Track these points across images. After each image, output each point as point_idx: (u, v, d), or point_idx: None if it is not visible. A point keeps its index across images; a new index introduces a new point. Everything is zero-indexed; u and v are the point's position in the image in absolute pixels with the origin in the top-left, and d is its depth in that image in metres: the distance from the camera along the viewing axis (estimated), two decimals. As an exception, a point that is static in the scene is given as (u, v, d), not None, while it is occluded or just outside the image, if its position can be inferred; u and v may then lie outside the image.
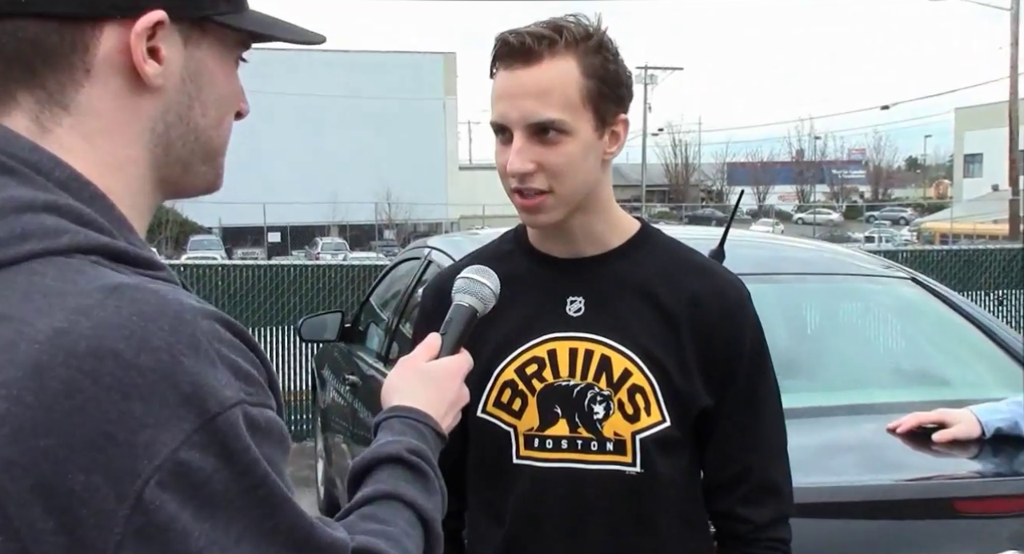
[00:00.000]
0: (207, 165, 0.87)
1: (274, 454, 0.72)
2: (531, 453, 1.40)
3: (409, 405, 1.07)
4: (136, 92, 0.79)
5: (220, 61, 0.84)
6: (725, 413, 1.41)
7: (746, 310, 1.43)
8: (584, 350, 1.39)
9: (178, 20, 0.80)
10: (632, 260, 1.43)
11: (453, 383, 1.15)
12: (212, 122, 0.85)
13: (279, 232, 38.47)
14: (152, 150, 0.81)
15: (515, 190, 1.36)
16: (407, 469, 0.95)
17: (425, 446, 1.00)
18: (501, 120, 1.34)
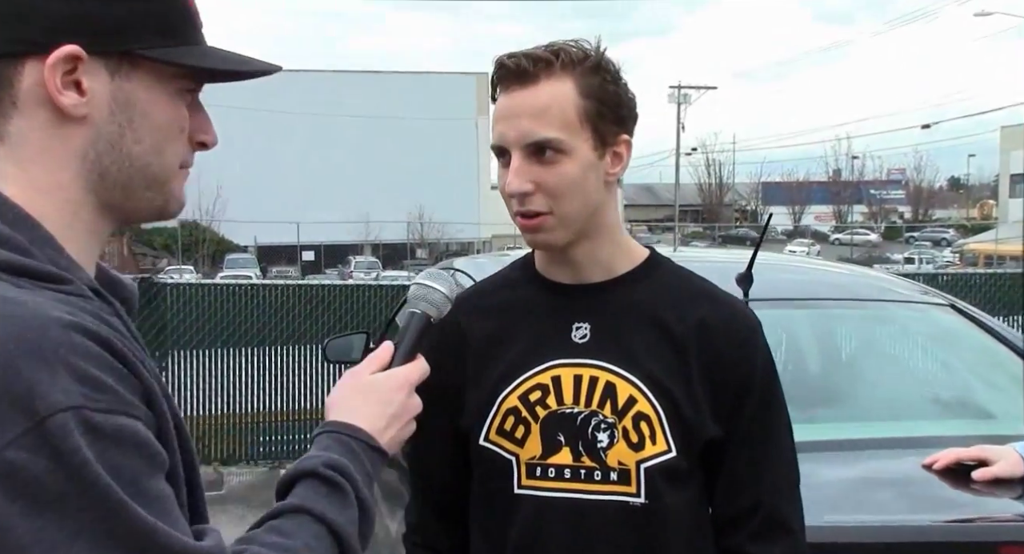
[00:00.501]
0: (152, 191, 0.92)
1: (124, 460, 0.75)
2: (533, 482, 1.37)
3: (342, 420, 1.04)
4: (62, 122, 0.85)
5: (155, 92, 0.89)
6: (734, 444, 1.37)
7: (756, 339, 1.40)
8: (589, 377, 1.37)
9: (100, 54, 0.85)
10: (640, 287, 1.41)
11: (397, 394, 1.10)
12: (148, 149, 0.90)
13: (313, 251, 38.76)
14: (86, 176, 0.88)
15: (517, 212, 1.35)
16: (322, 483, 0.94)
17: (347, 460, 0.97)
18: (499, 141, 1.35)
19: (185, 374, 7.56)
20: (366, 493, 0.96)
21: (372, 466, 1.01)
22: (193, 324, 7.54)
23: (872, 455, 2.39)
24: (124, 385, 0.77)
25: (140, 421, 0.78)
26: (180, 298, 7.57)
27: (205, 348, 7.55)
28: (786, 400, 1.44)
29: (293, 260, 37.65)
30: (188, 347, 7.55)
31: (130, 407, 0.77)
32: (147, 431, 0.79)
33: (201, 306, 7.54)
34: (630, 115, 1.38)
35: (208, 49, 0.94)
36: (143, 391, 0.80)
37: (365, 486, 0.97)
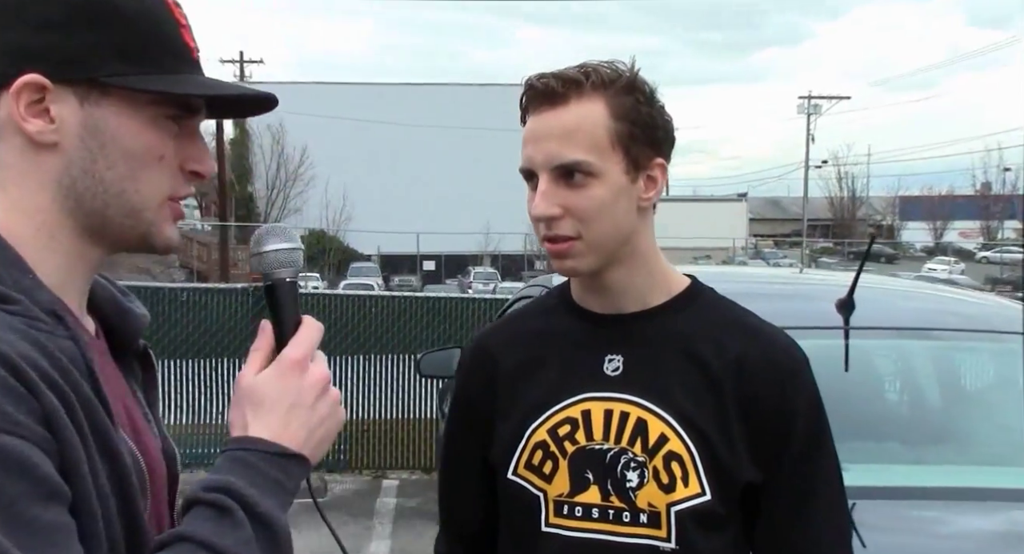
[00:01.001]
0: (131, 219, 0.92)
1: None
2: (560, 520, 1.32)
3: (235, 434, 0.95)
4: (35, 148, 0.88)
5: (127, 118, 0.90)
6: (775, 492, 1.30)
7: (800, 379, 1.33)
8: (619, 412, 1.31)
9: (66, 83, 0.87)
10: (677, 318, 1.35)
11: (291, 380, 0.94)
12: (122, 176, 0.90)
13: (434, 260, 39.39)
14: (62, 200, 0.90)
15: (545, 237, 1.31)
16: (205, 507, 0.87)
17: (235, 477, 0.89)
18: (527, 164, 1.30)
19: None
20: (266, 507, 0.88)
21: (283, 472, 0.91)
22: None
23: (995, 507, 2.17)
24: (17, 405, 0.76)
25: (29, 442, 0.75)
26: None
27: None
28: (897, 439, 1.28)
29: (415, 269, 38.35)
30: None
31: (20, 427, 0.75)
32: (38, 455, 0.76)
33: (313, 314, 7.65)
34: (666, 138, 1.33)
35: (194, 79, 0.93)
36: (42, 414, 0.77)
37: (271, 496, 0.89)
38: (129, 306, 1.03)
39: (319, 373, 0.97)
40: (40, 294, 0.86)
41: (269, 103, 0.97)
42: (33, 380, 0.77)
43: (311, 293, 8.35)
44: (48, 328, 0.84)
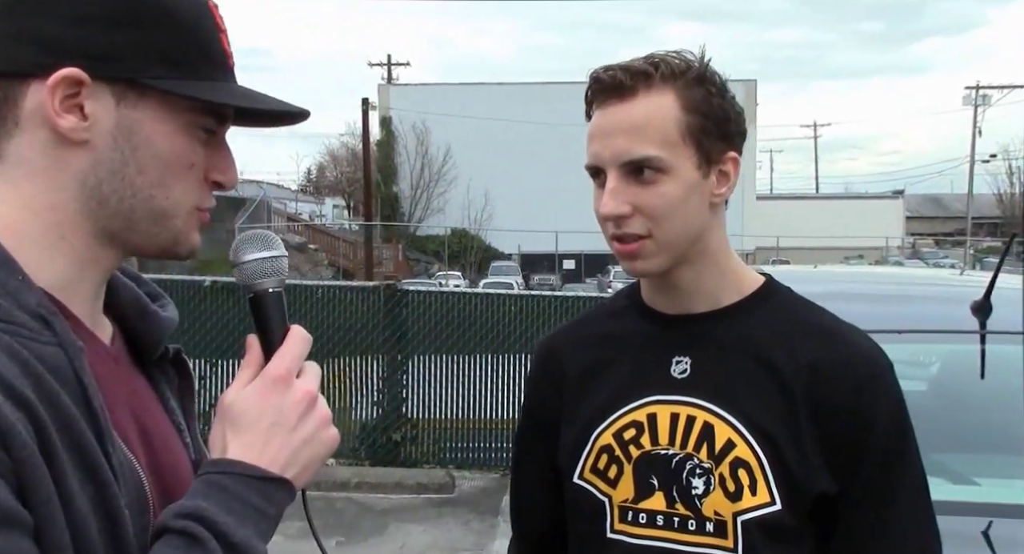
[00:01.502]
0: (157, 226, 0.90)
1: None
2: (625, 527, 1.29)
3: (214, 457, 0.88)
4: (63, 145, 0.85)
5: (163, 123, 0.87)
6: (852, 504, 1.23)
7: (880, 385, 1.25)
8: (686, 416, 1.27)
9: (106, 80, 0.85)
10: (748, 320, 1.30)
11: (272, 398, 0.88)
12: (152, 181, 0.88)
13: (574, 259, 39.35)
14: (84, 201, 0.87)
15: (613, 237, 1.27)
16: (176, 536, 0.81)
17: (209, 503, 0.82)
18: (594, 161, 1.26)
19: (424, 378, 7.85)
20: (241, 536, 0.81)
21: (263, 497, 0.84)
22: (432, 330, 7.81)
23: None
24: None
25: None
26: (420, 305, 7.86)
27: (444, 353, 7.80)
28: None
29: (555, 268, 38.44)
30: (428, 352, 7.83)
31: None
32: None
33: (440, 312, 7.80)
34: (737, 131, 1.28)
35: (230, 87, 0.92)
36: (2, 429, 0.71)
37: (248, 523, 0.82)
38: (153, 309, 0.98)
39: (304, 389, 0.90)
40: (28, 297, 0.81)
41: (301, 117, 0.94)
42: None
43: (451, 292, 8.46)
44: (30, 334, 0.79)
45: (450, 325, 7.79)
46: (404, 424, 7.86)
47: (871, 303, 2.86)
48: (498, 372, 7.81)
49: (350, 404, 7.85)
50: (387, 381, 7.87)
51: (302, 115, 0.94)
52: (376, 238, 29.54)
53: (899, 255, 39.66)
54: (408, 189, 41.53)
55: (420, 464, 7.80)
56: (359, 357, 7.86)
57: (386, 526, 6.47)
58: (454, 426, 7.86)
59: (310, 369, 0.93)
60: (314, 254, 29.66)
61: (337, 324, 7.74)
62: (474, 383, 7.81)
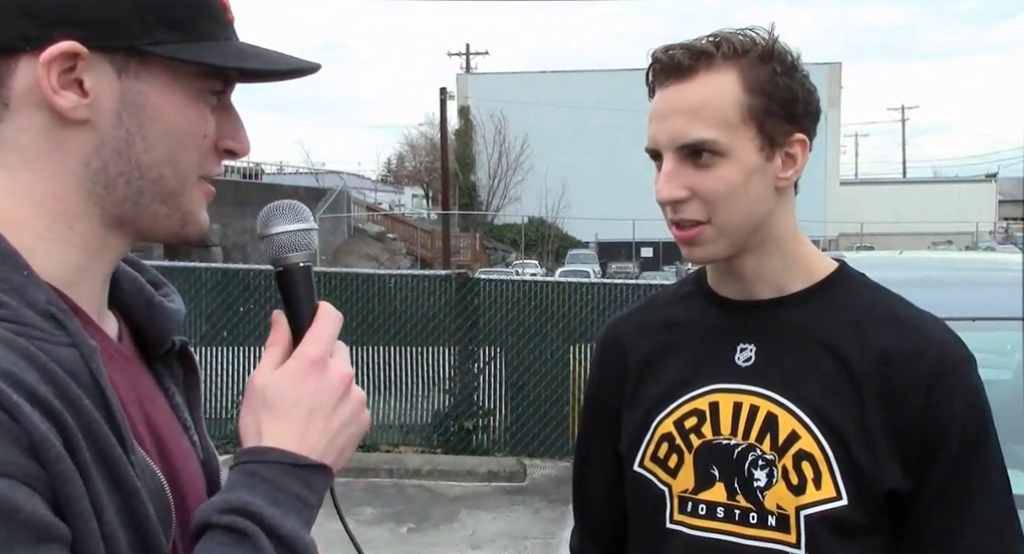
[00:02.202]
0: (166, 206, 0.82)
1: None
2: (684, 518, 1.26)
3: (249, 445, 0.83)
4: (62, 126, 0.77)
5: (169, 94, 0.80)
6: (925, 502, 1.18)
7: (957, 377, 1.18)
8: (749, 405, 1.23)
9: (104, 50, 0.76)
10: (817, 307, 1.25)
11: (307, 381, 0.83)
12: (160, 159, 0.80)
13: (651, 247, 38.98)
14: (89, 187, 0.79)
15: (671, 222, 1.23)
16: (222, 533, 0.77)
17: (252, 495, 0.78)
18: (652, 144, 1.23)
19: (495, 367, 7.85)
20: (290, 528, 0.77)
21: (306, 486, 0.80)
22: (503, 319, 7.80)
23: None
24: None
25: (13, 480, 0.65)
26: (492, 293, 7.85)
27: (514, 343, 7.78)
28: None
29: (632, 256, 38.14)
30: (498, 342, 7.82)
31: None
32: (20, 494, 0.65)
33: (511, 301, 7.77)
34: (807, 111, 1.22)
35: (234, 45, 0.83)
36: (29, 443, 0.66)
37: (293, 514, 0.78)
38: (160, 301, 0.91)
39: (340, 371, 0.85)
40: (35, 294, 0.74)
41: (311, 71, 0.86)
42: (15, 404, 0.66)
43: (523, 280, 8.44)
44: (42, 335, 0.73)
45: (521, 313, 7.75)
46: (476, 413, 7.88)
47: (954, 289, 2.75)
48: (570, 361, 7.75)
49: (423, 392, 7.90)
50: (459, 370, 7.89)
51: (311, 69, 0.86)
52: (454, 227, 29.74)
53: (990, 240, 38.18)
54: (486, 178, 41.69)
55: (491, 452, 7.81)
56: (431, 346, 7.90)
57: (457, 513, 6.49)
58: (525, 414, 7.84)
59: (342, 349, 0.88)
60: (392, 243, 30.02)
61: (410, 312, 7.80)
62: (551, 371, 7.77)
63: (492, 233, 39.68)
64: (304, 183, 32.21)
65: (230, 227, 23.53)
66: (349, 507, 6.50)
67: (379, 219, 32.98)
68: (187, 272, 7.98)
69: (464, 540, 6.00)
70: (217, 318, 7.85)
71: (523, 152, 40.74)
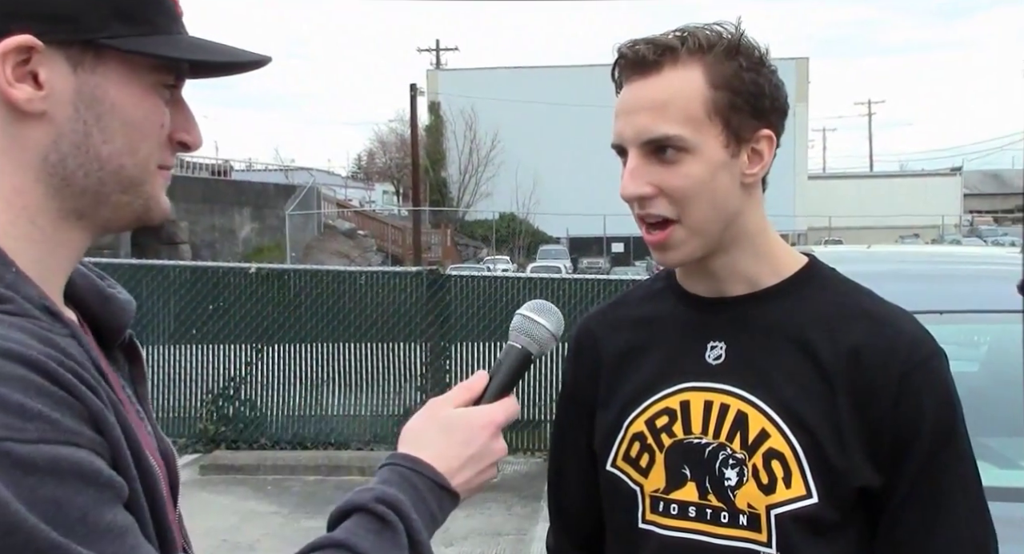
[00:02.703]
0: (129, 195, 0.84)
1: (66, 494, 0.68)
2: (656, 518, 1.25)
3: (410, 454, 0.96)
4: (18, 120, 0.78)
5: (127, 86, 0.81)
6: (898, 499, 1.18)
7: (928, 371, 1.18)
8: (719, 404, 1.23)
9: (59, 44, 0.78)
10: (787, 303, 1.24)
11: (481, 434, 1.00)
12: (120, 149, 0.82)
13: (622, 242, 39.15)
14: (47, 180, 0.80)
15: (639, 217, 1.22)
16: (373, 519, 0.87)
17: (405, 496, 0.90)
18: (617, 139, 1.22)
19: (466, 364, 7.84)
20: (423, 536, 0.89)
21: (439, 507, 0.93)
22: (475, 315, 7.79)
23: None
24: (63, 411, 0.70)
25: (86, 449, 0.71)
26: (464, 289, 7.84)
27: (485, 339, 7.77)
28: None
29: (602, 251, 38.27)
30: (470, 338, 7.81)
31: (71, 434, 0.70)
32: (96, 460, 0.72)
33: (498, 297, 7.76)
34: (773, 106, 1.21)
35: (186, 38, 0.85)
36: (89, 416, 0.73)
37: (425, 527, 0.90)
38: (111, 292, 0.93)
39: (501, 445, 1.01)
40: (27, 289, 0.77)
41: (263, 63, 0.89)
42: (72, 382, 0.72)
43: (494, 276, 8.44)
44: (48, 327, 0.76)
45: (492, 310, 7.75)
46: (448, 409, 7.85)
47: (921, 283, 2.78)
48: (543, 357, 7.75)
49: (394, 389, 7.87)
50: (431, 366, 7.87)
51: (261, 62, 0.88)
52: (425, 223, 29.68)
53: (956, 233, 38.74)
54: (456, 174, 41.65)
55: (464, 449, 7.79)
56: (403, 343, 7.88)
57: (430, 511, 6.47)
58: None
59: (508, 410, 1.04)
60: (363, 240, 29.89)
61: (380, 310, 7.76)
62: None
63: (463, 229, 39.64)
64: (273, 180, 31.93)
65: (198, 224, 23.29)
66: (320, 506, 6.44)
67: (349, 216, 32.82)
68: (156, 270, 7.92)
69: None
70: (186, 316, 7.78)
71: (494, 148, 40.73)
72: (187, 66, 0.86)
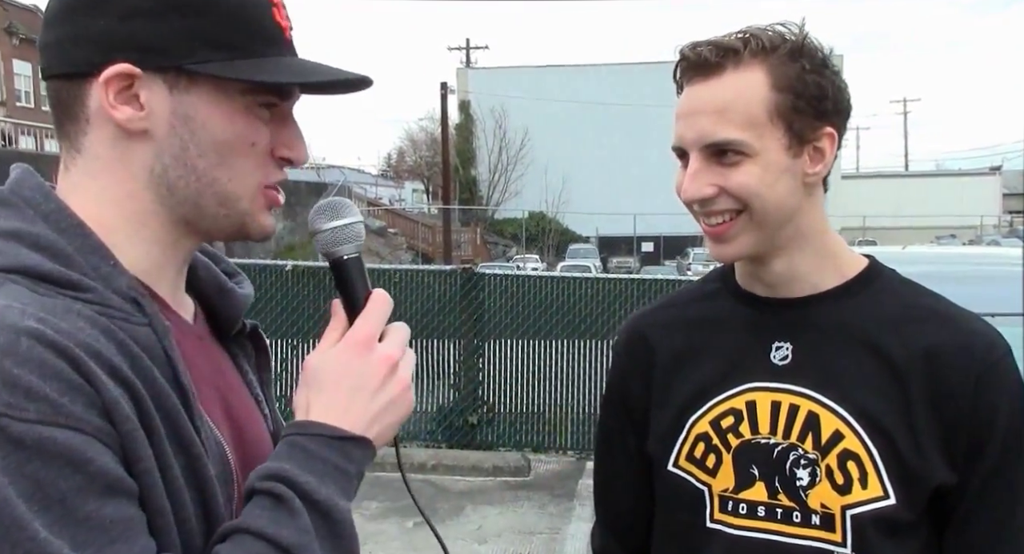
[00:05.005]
0: (225, 208, 0.92)
1: (50, 475, 0.72)
2: (725, 517, 1.24)
3: (296, 419, 0.91)
4: (127, 137, 0.89)
5: (217, 106, 0.89)
6: (970, 496, 1.18)
7: (1002, 369, 1.18)
8: (788, 404, 1.22)
9: (155, 70, 0.87)
10: (853, 304, 1.24)
11: (351, 361, 0.91)
12: (213, 164, 0.90)
13: (652, 242, 38.98)
14: (155, 189, 0.90)
15: (700, 216, 1.23)
16: (262, 496, 0.85)
17: (291, 464, 0.86)
18: (677, 142, 1.21)
19: (499, 361, 7.86)
20: (325, 494, 0.85)
21: (344, 457, 0.88)
22: (508, 314, 7.81)
23: None
24: (73, 396, 0.75)
25: (87, 435, 0.75)
26: (497, 288, 7.86)
27: (519, 337, 7.79)
28: None
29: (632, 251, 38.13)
30: (503, 336, 7.83)
31: (74, 420, 0.74)
32: (95, 448, 0.75)
33: (516, 296, 7.78)
34: (835, 108, 1.20)
35: (284, 61, 0.92)
36: (102, 406, 0.76)
37: (333, 484, 0.86)
38: (231, 286, 1.03)
39: (387, 353, 0.93)
40: (119, 281, 0.86)
41: (364, 83, 0.94)
42: (93, 371, 0.76)
43: (527, 275, 8.45)
44: (123, 315, 0.84)
45: (526, 308, 7.77)
46: (480, 407, 7.90)
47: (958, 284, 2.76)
48: (580, 355, 7.76)
49: (427, 387, 7.92)
50: (463, 364, 7.91)
51: (363, 82, 0.93)
52: (454, 222, 29.70)
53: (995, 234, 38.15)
54: (486, 173, 41.66)
55: (496, 447, 7.83)
56: (436, 340, 7.91)
57: (462, 508, 6.51)
58: (529, 410, 7.85)
59: (394, 332, 0.95)
60: (393, 238, 30.00)
61: (414, 308, 7.80)
62: (553, 367, 7.79)
63: (493, 228, 39.65)
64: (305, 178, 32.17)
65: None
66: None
67: (380, 214, 32.97)
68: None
69: (471, 535, 6.02)
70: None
71: (523, 146, 40.71)
72: (294, 86, 0.92)
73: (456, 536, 5.94)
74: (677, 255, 37.63)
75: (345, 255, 0.98)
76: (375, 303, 0.95)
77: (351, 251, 0.98)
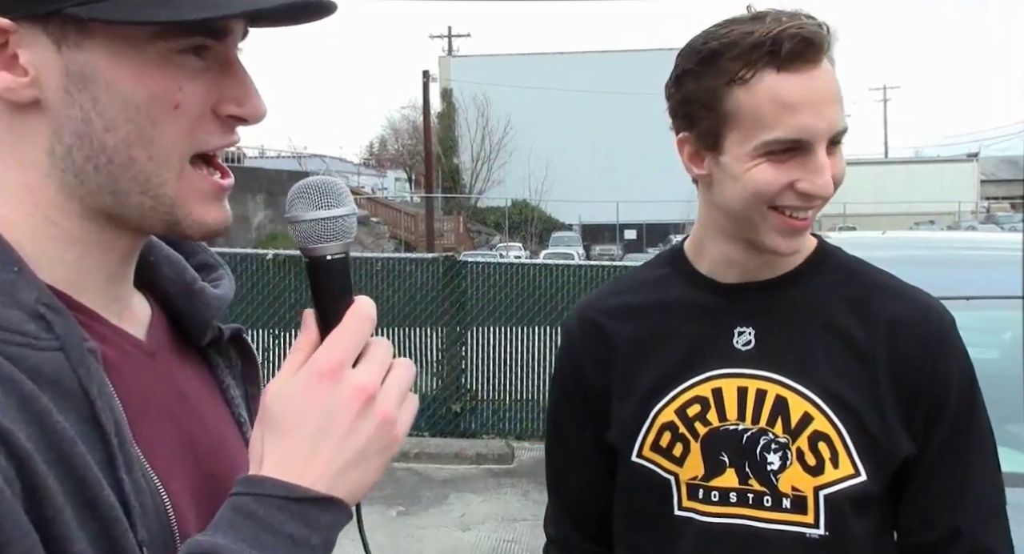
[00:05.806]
0: (148, 197, 0.72)
1: None
2: (695, 505, 1.24)
3: (247, 473, 0.69)
4: (13, 112, 0.70)
5: (123, 59, 0.68)
6: (927, 464, 1.21)
7: (952, 339, 1.22)
8: (755, 390, 1.22)
9: (34, 20, 0.67)
10: (810, 284, 1.25)
11: (316, 396, 0.69)
12: (127, 138, 0.70)
13: (635, 229, 39.08)
14: (59, 176, 0.71)
15: (791, 209, 1.16)
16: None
17: (229, 539, 0.64)
18: (800, 134, 1.13)
19: (482, 349, 7.87)
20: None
21: (305, 526, 0.66)
22: (491, 301, 7.81)
23: None
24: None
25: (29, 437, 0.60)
26: (480, 276, 7.86)
27: (502, 325, 7.80)
28: None
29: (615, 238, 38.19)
30: (485, 324, 7.84)
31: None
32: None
33: (499, 284, 7.79)
34: None
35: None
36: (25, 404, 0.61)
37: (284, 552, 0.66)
38: (201, 286, 0.83)
39: (358, 383, 0.69)
40: (24, 292, 0.68)
41: (323, 9, 0.73)
42: None
43: (510, 263, 8.45)
44: (22, 340, 0.66)
45: (509, 296, 7.77)
46: (464, 395, 7.90)
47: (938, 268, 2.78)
48: (557, 343, 7.77)
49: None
50: (446, 353, 7.91)
51: (321, 6, 0.72)
52: (437, 210, 29.69)
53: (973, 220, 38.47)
54: (469, 161, 41.55)
55: (479, 435, 7.84)
56: (419, 329, 7.91)
57: (446, 496, 6.52)
58: (512, 397, 7.87)
59: (374, 353, 0.72)
60: (376, 227, 29.92)
61: (397, 296, 7.80)
62: (538, 354, 7.81)
63: (475, 216, 39.59)
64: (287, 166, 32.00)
65: (212, 212, 23.34)
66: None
67: (362, 203, 32.84)
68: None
69: (454, 522, 6.03)
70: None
71: (506, 135, 40.63)
72: (230, 23, 0.71)
73: (440, 524, 5.95)
74: (660, 242, 37.72)
75: (329, 255, 0.74)
76: (351, 319, 0.71)
77: (337, 250, 0.74)
